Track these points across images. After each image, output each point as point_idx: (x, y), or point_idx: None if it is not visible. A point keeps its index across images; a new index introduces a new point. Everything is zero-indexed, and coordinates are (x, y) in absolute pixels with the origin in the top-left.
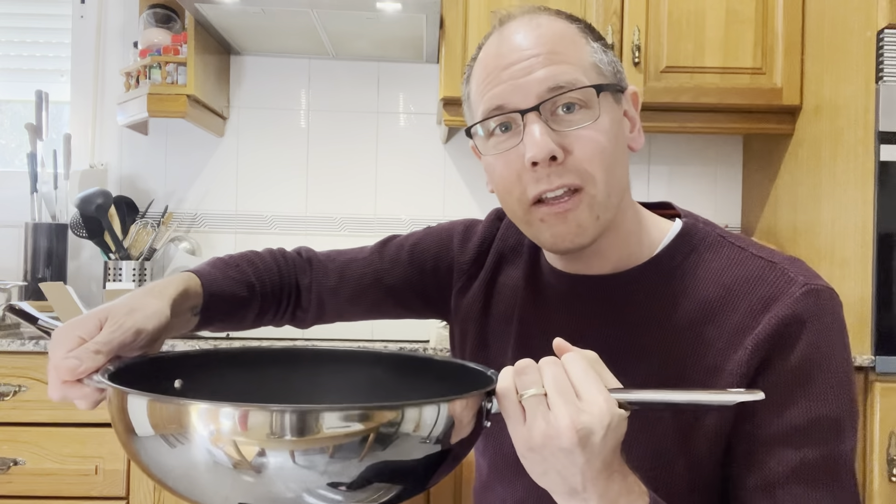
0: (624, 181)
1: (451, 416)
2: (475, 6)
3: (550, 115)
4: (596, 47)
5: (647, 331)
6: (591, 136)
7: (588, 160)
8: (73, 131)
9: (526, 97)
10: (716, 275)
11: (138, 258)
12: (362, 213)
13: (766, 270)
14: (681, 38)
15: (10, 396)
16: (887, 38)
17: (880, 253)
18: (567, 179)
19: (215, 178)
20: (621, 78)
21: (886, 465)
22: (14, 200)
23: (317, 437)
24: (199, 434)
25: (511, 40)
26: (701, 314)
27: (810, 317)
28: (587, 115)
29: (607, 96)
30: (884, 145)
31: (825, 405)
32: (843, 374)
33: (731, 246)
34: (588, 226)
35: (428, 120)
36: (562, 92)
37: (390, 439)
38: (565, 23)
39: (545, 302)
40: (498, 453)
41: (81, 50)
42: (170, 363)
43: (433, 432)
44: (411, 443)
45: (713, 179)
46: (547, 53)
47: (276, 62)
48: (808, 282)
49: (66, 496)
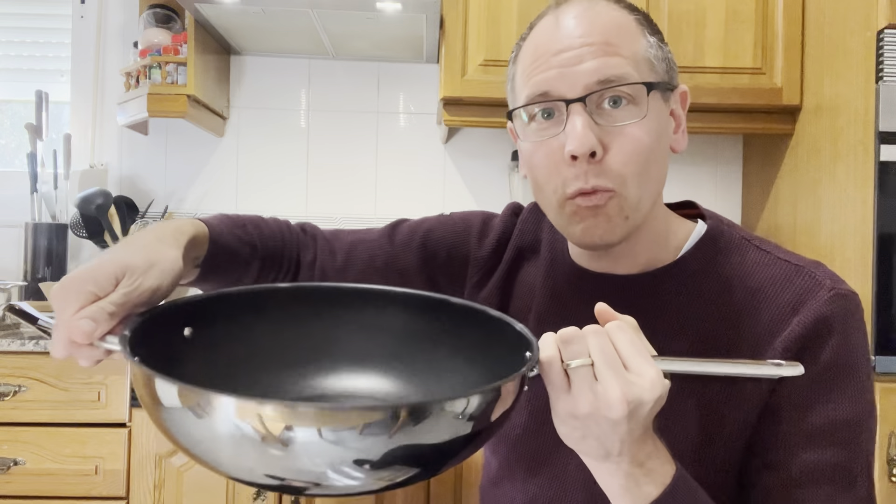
0: (659, 183)
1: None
2: (475, 6)
3: (596, 107)
4: (652, 42)
5: (673, 333)
6: (634, 135)
7: (626, 161)
8: (73, 131)
9: (573, 87)
10: (742, 278)
11: None
12: (362, 213)
13: (792, 274)
14: (681, 38)
15: (10, 396)
16: (887, 38)
17: (880, 253)
18: (602, 181)
19: (215, 178)
20: (673, 76)
21: (886, 465)
22: (14, 200)
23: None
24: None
25: (565, 25)
26: (727, 317)
27: (837, 320)
28: (633, 113)
29: (656, 95)
30: (884, 145)
31: (847, 408)
32: (865, 379)
33: (756, 249)
34: (618, 224)
35: (428, 120)
36: (611, 86)
37: (423, 417)
38: (624, 12)
39: (565, 299)
40: (512, 452)
41: (81, 50)
42: (179, 310)
43: (471, 409)
44: (446, 419)
45: (713, 179)
46: (601, 44)
47: (276, 62)
48: (835, 286)
49: (66, 496)
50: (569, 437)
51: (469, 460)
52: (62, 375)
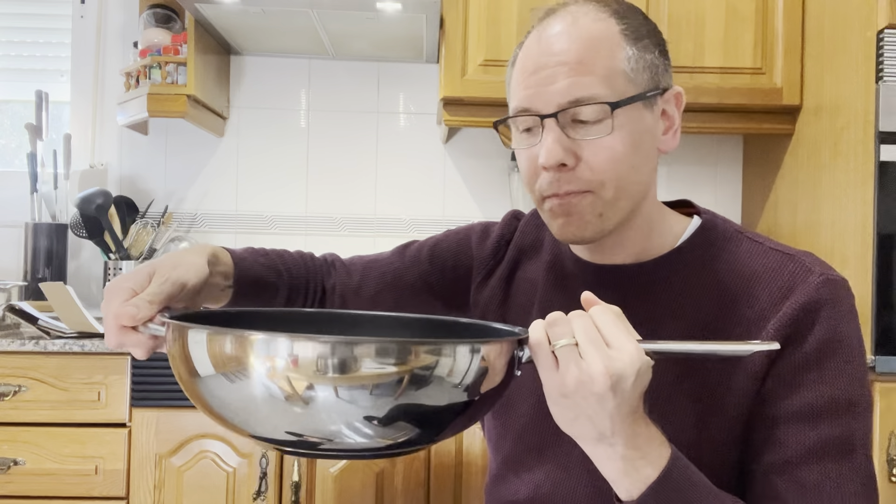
0: (641, 185)
1: (484, 361)
2: (475, 6)
3: (569, 121)
4: (632, 53)
5: (668, 320)
6: (604, 146)
7: (599, 169)
8: (73, 131)
9: (547, 104)
10: (735, 267)
11: (138, 258)
12: (362, 213)
13: (784, 262)
14: (681, 38)
15: (10, 396)
16: (887, 38)
17: (880, 253)
18: (574, 186)
19: (215, 178)
20: (660, 80)
21: (886, 465)
22: (14, 200)
23: (359, 374)
24: (256, 370)
25: (544, 43)
26: (721, 304)
27: (827, 303)
28: (605, 128)
29: (629, 108)
30: (884, 145)
31: (839, 386)
32: (856, 360)
33: (749, 240)
34: (590, 221)
35: (428, 120)
36: (578, 105)
37: (426, 380)
38: (609, 22)
39: (567, 290)
40: (517, 444)
41: (81, 50)
42: (214, 317)
43: (466, 378)
44: (444, 386)
45: (713, 179)
46: (574, 63)
47: (276, 62)
48: (825, 272)
49: (66, 496)
50: (562, 419)
51: (468, 460)
52: (62, 375)
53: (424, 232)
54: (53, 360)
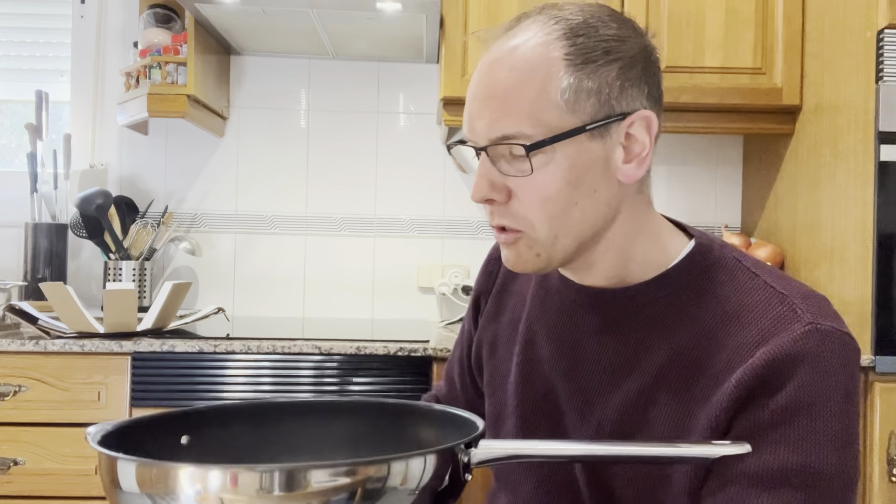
0: (587, 222)
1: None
2: (475, 6)
3: (501, 156)
4: (570, 82)
5: (644, 349)
6: (534, 185)
7: (529, 207)
8: (73, 131)
9: (478, 138)
10: (720, 301)
11: (138, 258)
12: (362, 213)
13: (773, 302)
14: (681, 38)
15: (10, 396)
16: (887, 38)
17: (880, 253)
18: (506, 221)
19: (215, 178)
20: (616, 105)
21: (886, 465)
22: (14, 200)
23: (305, 493)
24: (186, 494)
25: (480, 73)
26: (699, 340)
27: (807, 357)
28: (536, 163)
29: (565, 143)
30: (884, 145)
31: (806, 453)
32: (836, 427)
33: (745, 271)
34: (528, 259)
35: (428, 120)
36: (501, 143)
37: (379, 494)
38: (548, 47)
39: (551, 307)
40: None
41: (81, 50)
42: (173, 421)
43: (421, 483)
44: (399, 496)
45: (713, 179)
46: (501, 98)
47: (276, 62)
48: (816, 321)
49: (66, 496)
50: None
51: None
52: (62, 375)
53: (424, 232)
54: (53, 360)
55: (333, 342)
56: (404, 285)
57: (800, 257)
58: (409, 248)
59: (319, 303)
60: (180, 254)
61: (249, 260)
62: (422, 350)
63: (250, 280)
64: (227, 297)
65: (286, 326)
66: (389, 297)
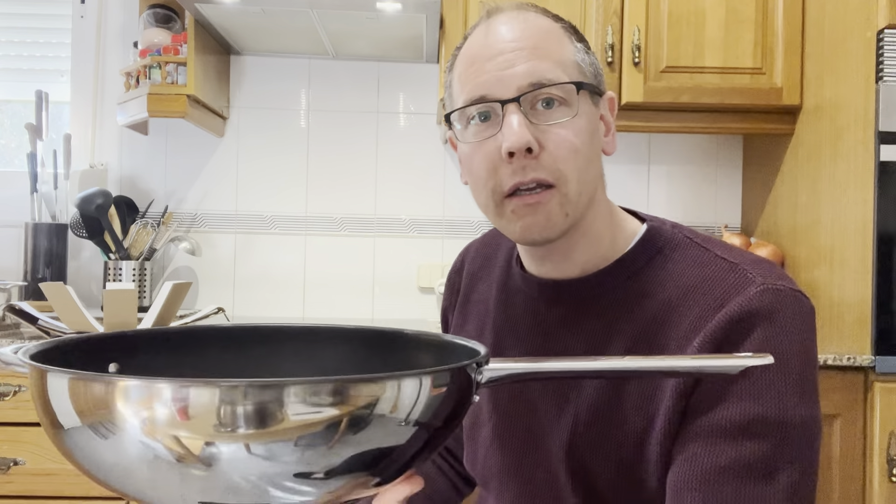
0: (595, 182)
1: (434, 392)
2: (475, 6)
3: (530, 108)
4: (579, 48)
5: (609, 333)
6: (567, 133)
7: (562, 158)
8: (73, 131)
9: (507, 89)
10: (676, 277)
11: (138, 258)
12: (362, 213)
13: (725, 271)
14: (681, 38)
15: (10, 396)
16: (887, 38)
17: (880, 253)
18: (540, 174)
19: (215, 178)
20: (601, 81)
21: (886, 465)
22: (14, 200)
23: (276, 428)
24: (130, 423)
25: (497, 32)
26: (659, 318)
27: (763, 314)
28: (565, 112)
29: (586, 97)
30: (884, 145)
31: (768, 403)
32: (795, 378)
33: (697, 247)
34: (557, 220)
35: (428, 120)
36: (542, 86)
37: (364, 422)
38: (550, 21)
39: (515, 308)
40: (484, 469)
41: (81, 50)
42: (105, 343)
43: (413, 413)
44: (389, 425)
45: (713, 179)
46: (531, 48)
47: (276, 62)
48: (767, 282)
49: (66, 496)
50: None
51: None
52: None
53: (424, 232)
54: None
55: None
56: (404, 285)
57: (800, 257)
58: (409, 248)
59: (319, 303)
60: (180, 254)
61: (249, 260)
62: None
63: (250, 280)
64: (227, 297)
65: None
66: (389, 297)
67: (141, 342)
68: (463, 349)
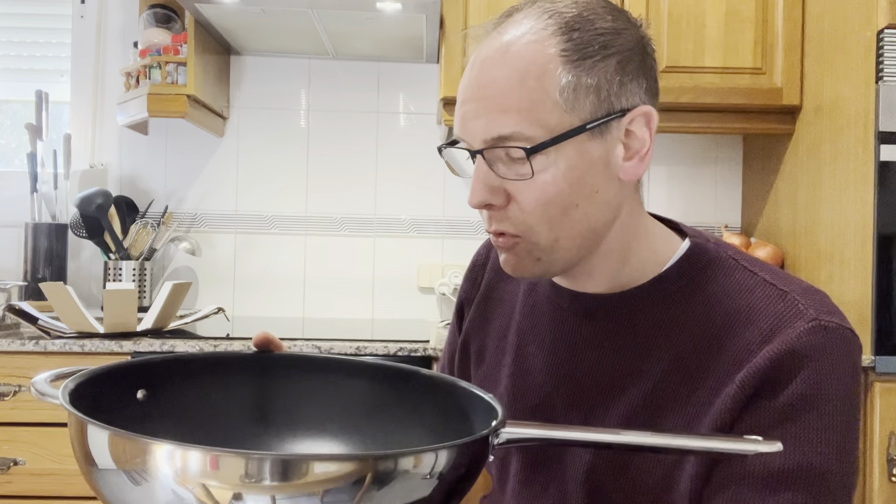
0: (588, 223)
1: (453, 459)
2: (475, 6)
3: (497, 158)
4: (569, 79)
5: (643, 354)
6: (533, 189)
7: (530, 211)
8: (73, 131)
9: (473, 139)
10: (720, 301)
11: (138, 258)
12: (362, 213)
13: (774, 300)
14: (681, 38)
15: (10, 396)
16: (887, 38)
17: (880, 253)
18: (504, 227)
19: (215, 178)
20: (615, 102)
21: (886, 465)
22: (14, 200)
23: (303, 483)
24: (163, 473)
25: (472, 72)
26: (699, 344)
27: (812, 354)
28: (539, 163)
29: (564, 144)
30: (884, 145)
31: (811, 452)
32: (841, 424)
33: (743, 270)
34: (527, 264)
35: (428, 120)
36: (498, 145)
37: (388, 479)
38: (544, 44)
39: (542, 316)
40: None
41: (81, 50)
42: (132, 372)
43: (434, 470)
44: (413, 481)
45: (713, 179)
46: (497, 97)
47: (276, 62)
48: (819, 317)
49: (66, 496)
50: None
51: None
52: None
53: (424, 232)
54: (53, 361)
55: (333, 342)
56: (404, 285)
57: (800, 257)
58: (409, 248)
59: (319, 303)
60: (180, 254)
61: (249, 260)
62: (422, 350)
63: (250, 280)
64: (227, 297)
65: (286, 326)
66: (389, 297)
67: (167, 369)
68: (479, 401)
